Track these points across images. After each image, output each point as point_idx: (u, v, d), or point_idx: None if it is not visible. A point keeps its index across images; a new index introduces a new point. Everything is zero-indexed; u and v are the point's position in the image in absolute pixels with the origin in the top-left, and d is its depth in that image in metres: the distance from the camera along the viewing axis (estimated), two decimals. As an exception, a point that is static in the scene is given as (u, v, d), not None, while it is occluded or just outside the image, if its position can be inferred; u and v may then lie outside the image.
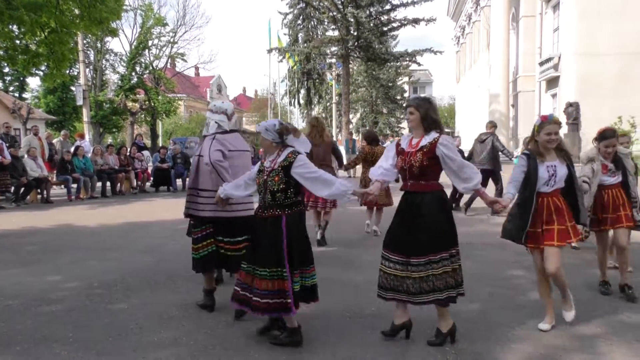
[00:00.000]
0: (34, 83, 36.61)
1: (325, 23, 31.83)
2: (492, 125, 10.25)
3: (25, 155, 12.81)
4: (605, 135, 4.62)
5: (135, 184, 15.15)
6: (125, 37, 38.16)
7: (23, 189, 12.14)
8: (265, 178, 3.65)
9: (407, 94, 47.43)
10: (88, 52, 32.47)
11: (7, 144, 12.33)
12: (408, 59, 29.53)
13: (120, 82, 35.49)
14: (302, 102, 43.76)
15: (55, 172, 13.66)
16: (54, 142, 15.83)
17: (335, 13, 25.98)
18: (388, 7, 27.53)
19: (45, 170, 13.00)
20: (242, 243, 4.39)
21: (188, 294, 4.85)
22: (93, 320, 4.19)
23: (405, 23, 26.92)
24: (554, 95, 26.37)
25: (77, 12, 11.01)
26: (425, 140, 3.58)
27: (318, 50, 30.19)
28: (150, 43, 35.91)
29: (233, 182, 4.03)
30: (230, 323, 4.08)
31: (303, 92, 43.01)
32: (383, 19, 27.79)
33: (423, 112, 3.60)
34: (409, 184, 3.63)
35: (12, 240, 7.77)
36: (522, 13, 30.54)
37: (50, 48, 11.03)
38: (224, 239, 4.40)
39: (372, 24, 26.93)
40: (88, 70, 31.63)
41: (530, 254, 3.99)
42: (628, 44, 21.80)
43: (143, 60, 36.19)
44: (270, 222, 3.61)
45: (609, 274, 4.88)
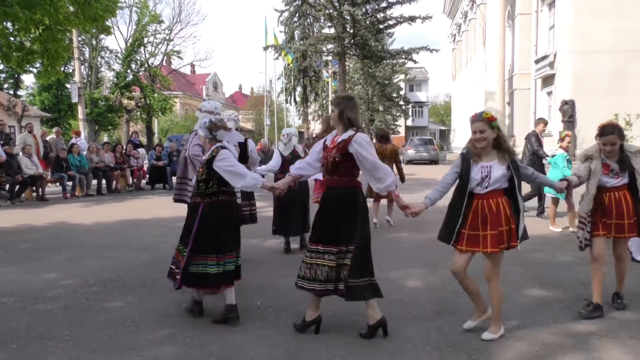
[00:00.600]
0: (29, 80, 36.46)
1: (322, 20, 31.77)
2: (537, 122, 9.30)
3: (20, 153, 12.75)
4: (604, 132, 4.09)
5: (131, 182, 15.12)
6: (121, 34, 37.98)
7: (18, 187, 12.10)
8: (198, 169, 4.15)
9: (403, 92, 47.45)
10: (83, 49, 32.31)
11: (1, 142, 12.29)
12: (404, 57, 29.49)
13: (116, 79, 35.33)
14: (298, 99, 43.79)
15: (51, 169, 13.61)
16: (47, 138, 15.76)
17: (332, 10, 25.92)
18: (384, 4, 27.46)
19: (41, 168, 12.96)
20: None
21: (184, 292, 4.83)
22: (89, 318, 4.18)
23: (402, 21, 26.88)
24: (550, 93, 26.44)
25: (71, 9, 10.96)
26: (341, 138, 3.69)
27: (314, 48, 30.13)
28: (146, 40, 35.75)
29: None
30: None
31: (299, 89, 43.05)
32: (379, 17, 27.74)
33: (340, 109, 3.70)
34: (326, 179, 3.81)
35: (7, 238, 7.74)
36: (517, 11, 30.58)
37: (45, 45, 10.99)
38: None
39: (368, 22, 26.89)
40: (83, 68, 31.51)
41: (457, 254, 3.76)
42: (623, 42, 21.87)
43: (139, 58, 36.03)
44: (193, 207, 4.07)
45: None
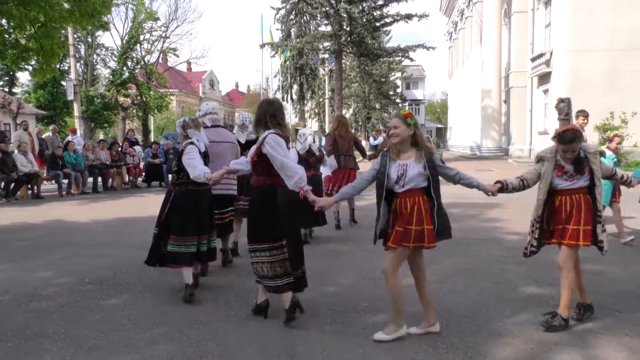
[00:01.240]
0: (24, 78, 36.22)
1: (318, 18, 31.75)
2: (576, 115, 8.13)
3: (16, 151, 12.71)
4: (563, 139, 3.67)
5: (127, 180, 15.08)
6: (117, 31, 37.91)
7: (13, 185, 12.05)
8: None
9: (399, 90, 47.48)
10: (79, 46, 32.19)
11: (-3, 139, 12.23)
12: (401, 55, 29.57)
13: (112, 76, 35.16)
14: (295, 97, 43.71)
15: (46, 167, 13.56)
16: (43, 136, 15.69)
17: (328, 8, 25.91)
18: (381, 2, 27.52)
19: (36, 166, 12.92)
20: (227, 214, 5.52)
21: (180, 290, 4.83)
22: (84, 316, 4.17)
23: (398, 19, 26.91)
24: (546, 91, 26.46)
25: (66, 6, 10.90)
26: (260, 138, 3.95)
27: (311, 46, 30.14)
28: (142, 38, 35.59)
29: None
30: (223, 318, 4.08)
31: (296, 87, 42.97)
32: (376, 15, 27.77)
33: (258, 113, 4.05)
34: (252, 179, 4.11)
35: (2, 236, 7.72)
36: (514, 9, 30.61)
37: (40, 43, 10.93)
38: (215, 211, 5.03)
39: (364, 20, 26.90)
40: (79, 65, 31.33)
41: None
42: (619, 41, 21.90)
43: (135, 55, 35.87)
44: (166, 194, 4.73)
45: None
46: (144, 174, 15.58)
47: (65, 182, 13.15)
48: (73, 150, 13.69)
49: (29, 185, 12.58)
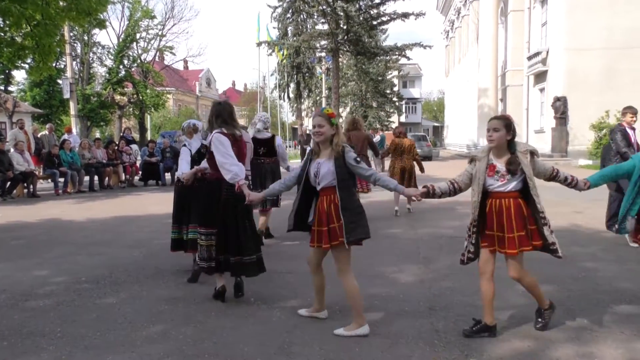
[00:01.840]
0: (20, 76, 36.01)
1: (315, 17, 31.72)
2: (623, 112, 7.08)
3: (12, 149, 12.67)
4: (490, 119, 3.64)
5: (124, 178, 15.05)
6: (113, 29, 37.59)
7: (9, 183, 12.02)
8: None
9: (396, 88, 47.48)
10: (75, 44, 32.06)
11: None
12: (397, 53, 29.53)
13: (108, 75, 35.09)
14: (291, 95, 43.66)
15: (42, 166, 13.52)
16: (39, 135, 15.63)
17: (325, 7, 25.88)
18: (377, 1, 27.49)
19: (32, 164, 12.88)
20: None
21: (177, 288, 4.84)
22: (81, 315, 4.16)
23: (395, 17, 26.89)
24: (542, 90, 26.54)
25: (62, 4, 10.87)
26: (208, 138, 4.41)
27: (307, 44, 30.08)
28: (138, 36, 35.52)
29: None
30: (220, 317, 4.08)
31: (293, 85, 42.91)
32: (372, 13, 27.74)
33: (209, 114, 4.47)
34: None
35: (-2, 235, 7.69)
36: (510, 7, 30.65)
37: (36, 41, 10.90)
38: None
39: (361, 18, 26.87)
40: (75, 63, 31.29)
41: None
42: (616, 39, 21.98)
43: (131, 54, 35.81)
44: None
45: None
46: (141, 173, 15.54)
47: (62, 180, 13.12)
48: (69, 149, 13.66)
49: (25, 184, 12.54)
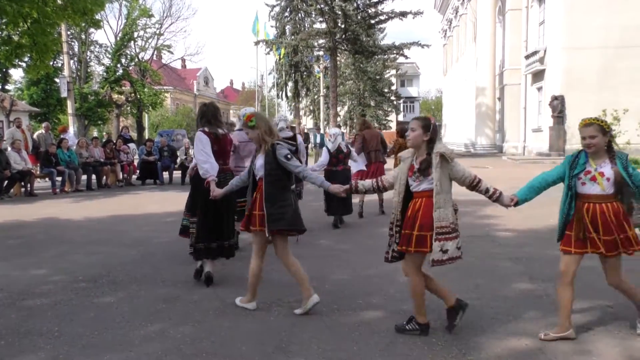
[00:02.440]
0: (17, 74, 35.90)
1: (313, 15, 31.71)
2: None
3: (9, 148, 12.63)
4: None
5: (121, 177, 15.02)
6: (110, 28, 37.64)
7: (6, 182, 11.98)
8: None
9: (394, 87, 47.52)
10: (72, 43, 31.99)
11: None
12: (395, 52, 29.57)
13: (106, 74, 35.03)
14: (289, 94, 43.64)
15: (40, 164, 13.49)
16: (35, 136, 15.55)
17: (323, 5, 25.88)
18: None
19: (29, 163, 12.84)
20: (243, 202, 5.75)
21: (175, 288, 4.83)
22: (78, 314, 4.15)
23: (393, 16, 26.92)
24: (540, 89, 26.54)
25: (60, 2, 10.84)
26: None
27: (305, 43, 30.09)
28: (136, 35, 35.48)
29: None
30: (218, 316, 4.08)
31: (291, 84, 42.89)
32: (370, 12, 27.76)
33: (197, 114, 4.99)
34: None
35: (-5, 234, 7.67)
36: (508, 6, 30.64)
37: (34, 39, 10.87)
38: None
39: (359, 17, 26.88)
40: (72, 62, 31.20)
41: None
42: (613, 38, 21.99)
43: (128, 52, 35.76)
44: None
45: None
46: (138, 172, 15.51)
47: (59, 179, 13.08)
48: (67, 148, 13.62)
49: (22, 183, 12.51)
